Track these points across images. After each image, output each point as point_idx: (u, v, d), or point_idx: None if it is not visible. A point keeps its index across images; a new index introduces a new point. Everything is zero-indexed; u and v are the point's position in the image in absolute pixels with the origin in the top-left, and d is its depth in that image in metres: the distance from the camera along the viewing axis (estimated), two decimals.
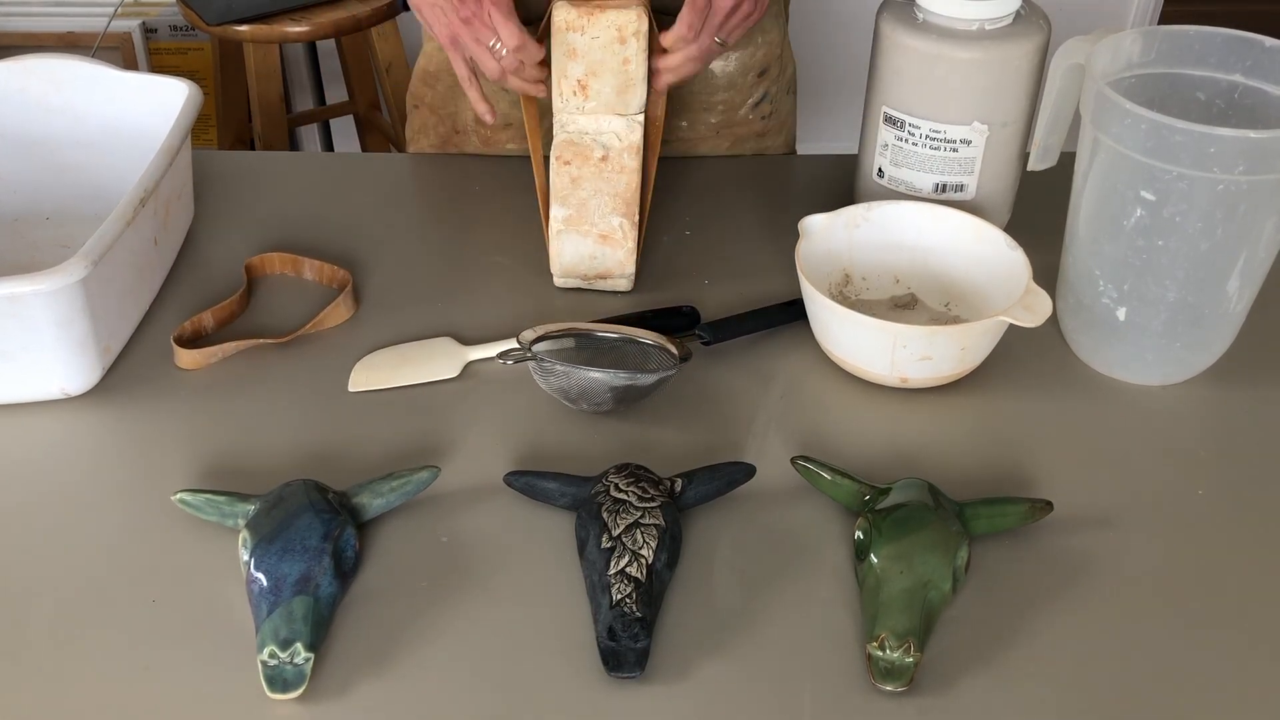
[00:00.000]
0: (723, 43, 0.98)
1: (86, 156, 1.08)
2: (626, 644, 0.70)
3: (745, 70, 1.15)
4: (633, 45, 0.95)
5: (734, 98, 1.14)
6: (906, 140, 1.02)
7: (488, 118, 1.01)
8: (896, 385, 0.90)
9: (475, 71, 1.00)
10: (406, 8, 1.08)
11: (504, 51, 0.94)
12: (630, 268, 1.00)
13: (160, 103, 1.03)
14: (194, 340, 0.96)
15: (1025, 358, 0.95)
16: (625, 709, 0.68)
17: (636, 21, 0.94)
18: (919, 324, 0.91)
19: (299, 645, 0.68)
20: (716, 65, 1.13)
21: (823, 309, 0.89)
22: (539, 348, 0.88)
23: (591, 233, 0.98)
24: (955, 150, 1.01)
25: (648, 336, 0.90)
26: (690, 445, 0.87)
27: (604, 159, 0.98)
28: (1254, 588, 0.76)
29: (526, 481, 0.81)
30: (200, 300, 1.01)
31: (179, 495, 0.78)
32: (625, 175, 0.98)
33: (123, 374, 0.93)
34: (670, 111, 1.16)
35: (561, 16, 0.94)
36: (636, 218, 0.98)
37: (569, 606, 0.74)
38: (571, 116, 0.98)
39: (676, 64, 0.98)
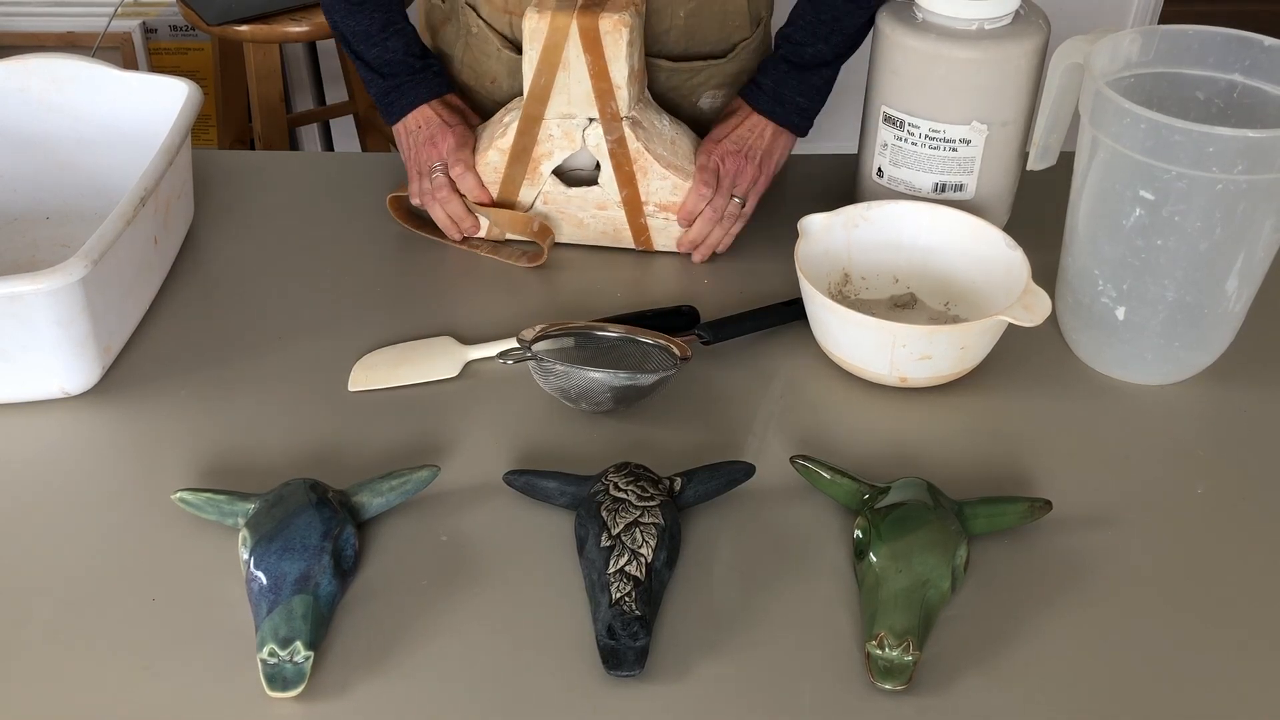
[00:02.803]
0: (742, 202, 1.04)
1: (87, 156, 1.08)
2: (626, 642, 0.70)
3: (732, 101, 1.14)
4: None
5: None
6: (906, 140, 1.02)
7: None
8: (896, 385, 0.90)
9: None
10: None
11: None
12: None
13: (160, 102, 1.03)
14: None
15: (1025, 357, 0.95)
16: (624, 707, 0.68)
17: None
18: (918, 323, 0.91)
19: (299, 644, 0.68)
20: (704, 103, 1.12)
21: (822, 309, 0.89)
22: (539, 347, 0.88)
23: None
24: (955, 150, 1.01)
25: (648, 336, 0.90)
26: (690, 444, 0.87)
27: None
28: (1253, 586, 0.76)
29: (526, 480, 0.81)
30: (201, 300, 1.01)
31: (179, 494, 0.78)
32: None
33: (123, 374, 0.93)
34: None
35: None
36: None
37: (568, 605, 0.74)
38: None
39: (695, 235, 1.05)
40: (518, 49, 1.07)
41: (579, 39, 0.96)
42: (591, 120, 1.00)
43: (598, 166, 1.04)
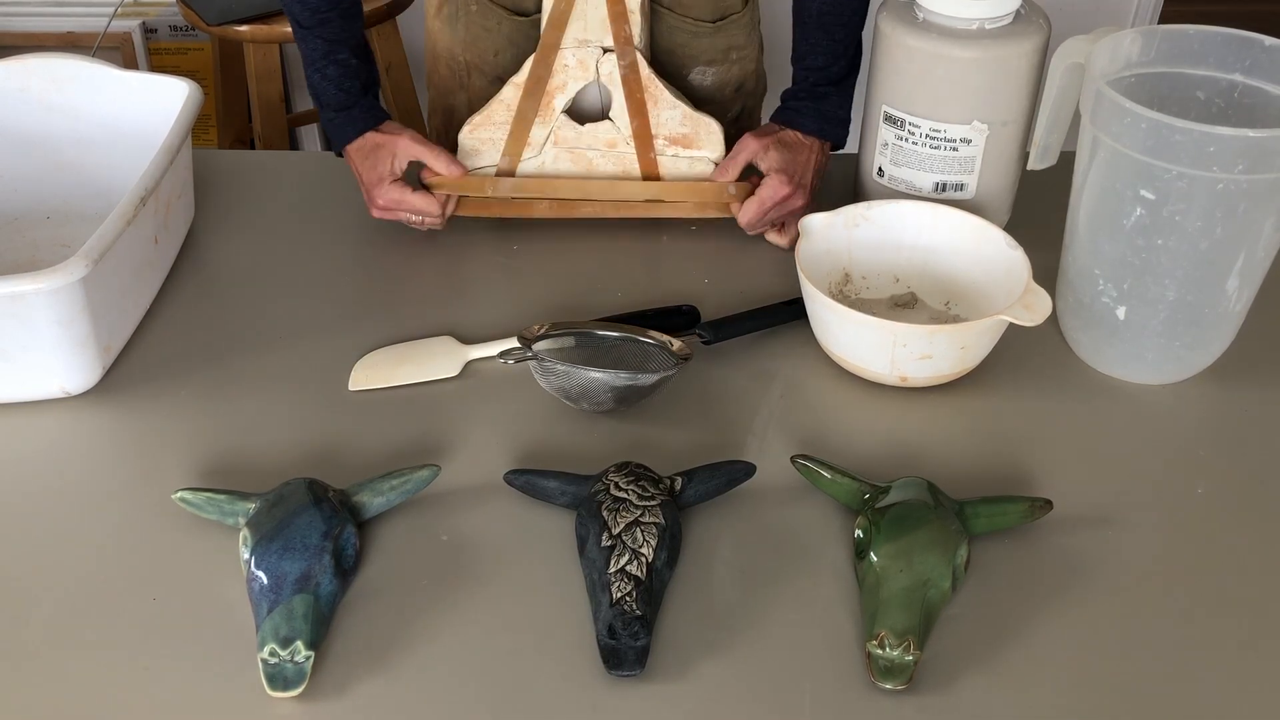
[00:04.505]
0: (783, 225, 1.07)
1: (87, 156, 1.08)
2: (626, 642, 0.70)
3: (723, 85, 1.17)
4: None
5: (714, 111, 1.16)
6: (907, 139, 1.02)
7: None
8: (896, 384, 0.90)
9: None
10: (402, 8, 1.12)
11: (420, 220, 1.06)
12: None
13: (160, 102, 1.03)
14: None
15: (1025, 357, 0.95)
16: (625, 707, 0.68)
17: None
18: (919, 323, 0.91)
19: (299, 643, 0.68)
20: (694, 79, 1.15)
21: (823, 308, 0.89)
22: (539, 346, 0.88)
23: None
24: (955, 149, 1.01)
25: (648, 336, 0.90)
26: (690, 444, 0.87)
27: None
28: (1253, 586, 0.76)
29: (527, 480, 0.81)
30: (201, 300, 1.01)
31: (179, 494, 0.78)
32: None
33: (123, 374, 0.93)
34: None
35: None
36: None
37: (569, 605, 0.74)
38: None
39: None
40: (520, 13, 1.10)
41: None
42: (606, 50, 1.03)
43: (607, 111, 1.06)
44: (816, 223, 0.97)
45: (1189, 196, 0.81)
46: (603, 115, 1.07)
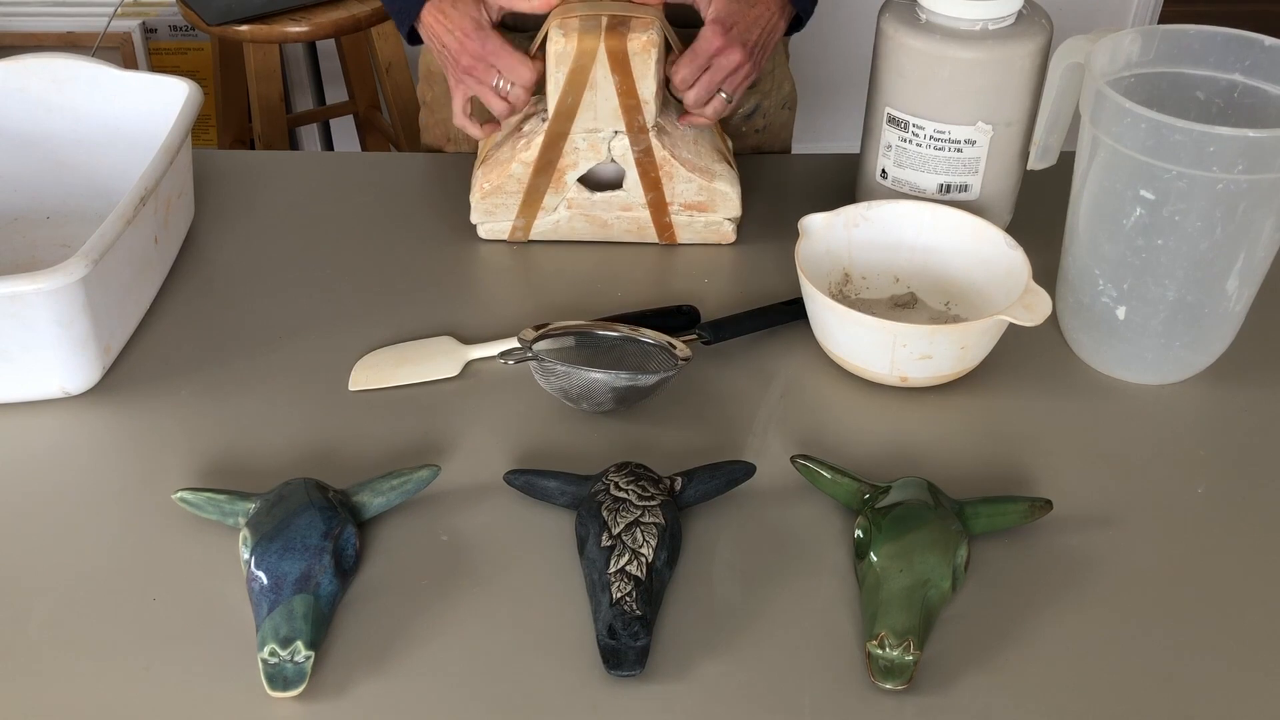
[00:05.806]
0: (729, 98, 1.01)
1: (87, 156, 1.08)
2: (626, 642, 0.70)
3: None
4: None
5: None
6: (910, 141, 1.02)
7: (480, 135, 1.05)
8: (896, 384, 0.90)
9: (472, 107, 1.04)
10: (413, 41, 1.09)
11: (509, 88, 0.99)
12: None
13: (160, 102, 1.03)
14: None
15: (1025, 357, 0.95)
16: (625, 707, 0.68)
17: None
18: (919, 323, 0.91)
19: (299, 643, 0.68)
20: None
21: (823, 308, 0.89)
22: (539, 346, 0.88)
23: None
24: (960, 150, 1.01)
25: (648, 336, 0.90)
26: (690, 444, 0.87)
27: None
28: (1253, 587, 0.76)
29: (527, 480, 0.81)
30: (201, 300, 1.01)
31: (179, 494, 0.78)
32: None
33: (123, 374, 0.93)
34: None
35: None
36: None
37: (569, 605, 0.74)
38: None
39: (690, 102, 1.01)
40: (519, 29, 1.07)
41: (607, 61, 0.96)
42: (617, 133, 1.01)
43: (620, 182, 1.04)
44: (816, 223, 0.97)
45: (1189, 196, 0.81)
46: (615, 184, 1.05)
